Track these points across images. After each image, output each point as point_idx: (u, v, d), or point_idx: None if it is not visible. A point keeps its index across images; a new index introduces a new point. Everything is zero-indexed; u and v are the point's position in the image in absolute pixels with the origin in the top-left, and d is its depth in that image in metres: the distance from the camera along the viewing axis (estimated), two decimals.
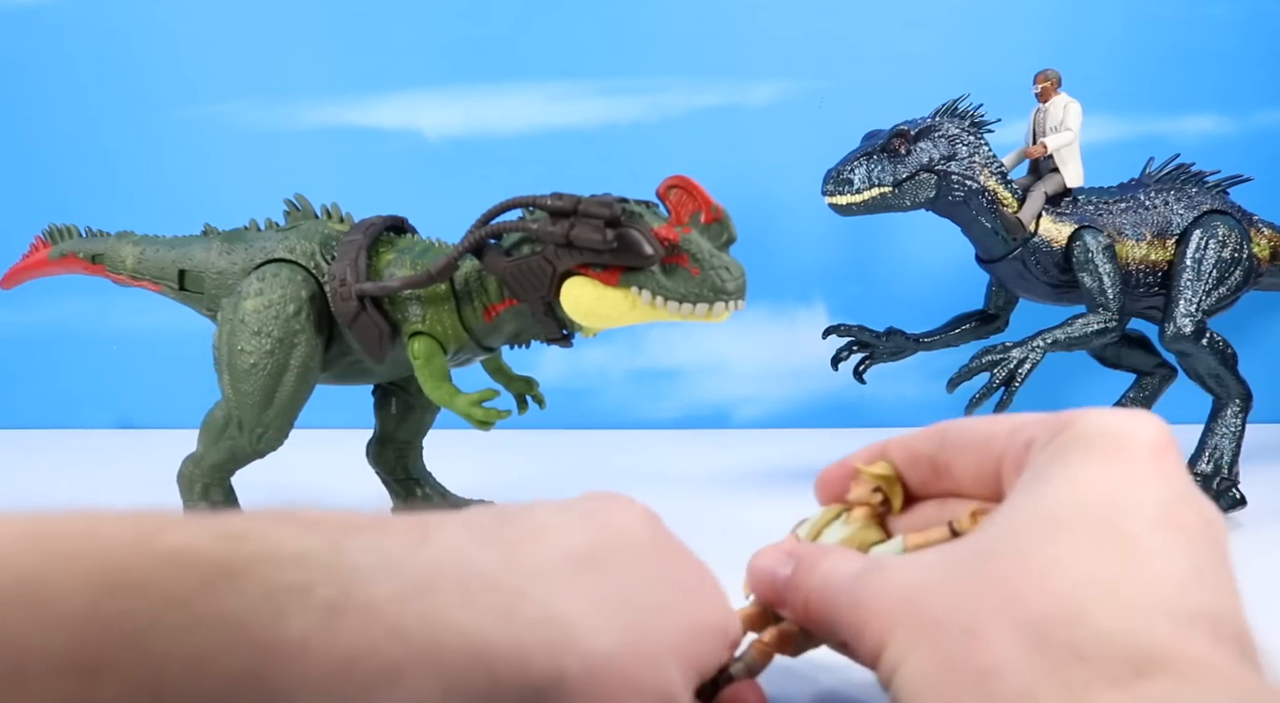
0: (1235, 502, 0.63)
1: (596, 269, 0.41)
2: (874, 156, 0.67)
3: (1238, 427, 0.66)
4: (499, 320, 0.47)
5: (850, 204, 0.67)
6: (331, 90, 0.91)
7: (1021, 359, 0.64)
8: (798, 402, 0.96)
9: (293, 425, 0.51)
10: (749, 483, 0.74)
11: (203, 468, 0.51)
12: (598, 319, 0.43)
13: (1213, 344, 0.67)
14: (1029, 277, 0.71)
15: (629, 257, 0.40)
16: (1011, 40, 0.91)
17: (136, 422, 0.95)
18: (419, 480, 0.59)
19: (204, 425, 0.51)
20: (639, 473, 0.77)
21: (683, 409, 0.97)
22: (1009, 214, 0.69)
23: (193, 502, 0.52)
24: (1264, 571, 0.55)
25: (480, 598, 0.25)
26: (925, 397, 0.95)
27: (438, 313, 0.47)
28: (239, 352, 0.49)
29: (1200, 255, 0.69)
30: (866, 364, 0.76)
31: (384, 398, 0.58)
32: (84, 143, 0.92)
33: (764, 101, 0.93)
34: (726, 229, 0.43)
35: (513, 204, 0.44)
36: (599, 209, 0.41)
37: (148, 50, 0.92)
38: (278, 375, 0.49)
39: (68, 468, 0.80)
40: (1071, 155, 0.71)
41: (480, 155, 0.92)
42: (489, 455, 0.76)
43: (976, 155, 0.69)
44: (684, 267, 0.41)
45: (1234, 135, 0.94)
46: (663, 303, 0.41)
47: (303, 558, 0.22)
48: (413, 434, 0.58)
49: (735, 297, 0.41)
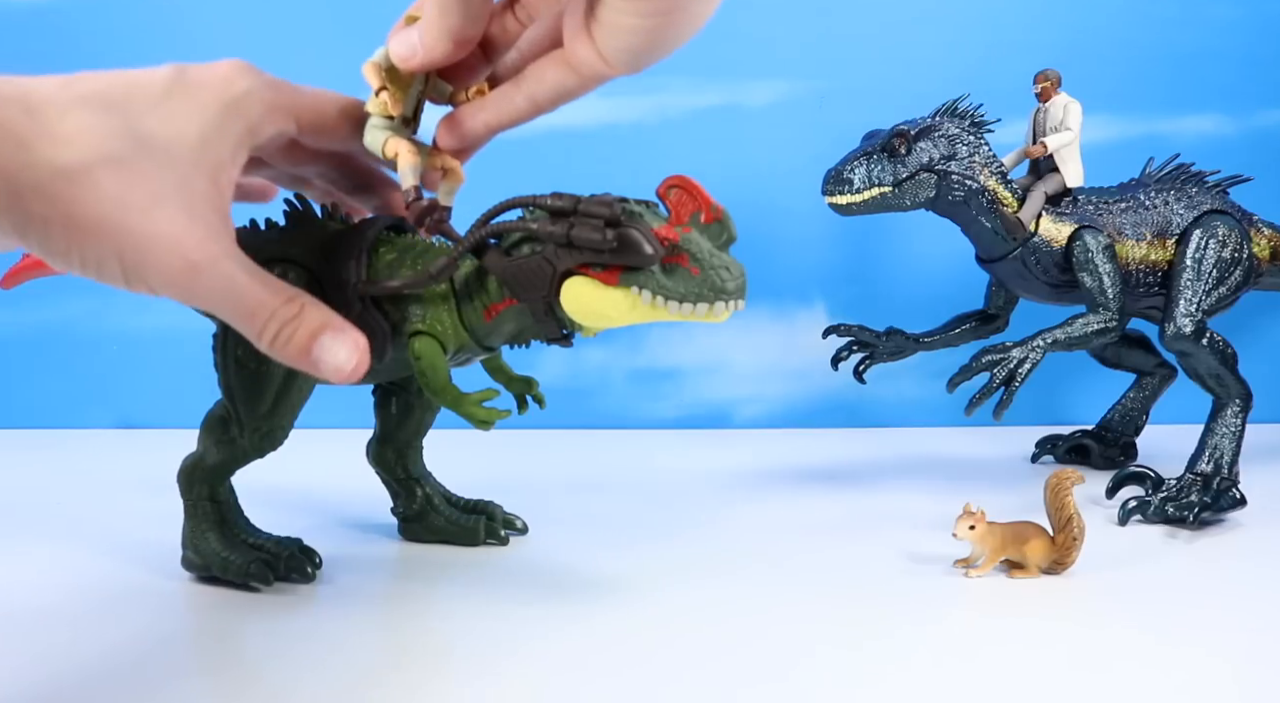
0: (1235, 502, 0.63)
1: (596, 269, 0.41)
2: (874, 156, 0.67)
3: (1238, 427, 0.66)
4: (499, 320, 0.47)
5: (850, 204, 0.67)
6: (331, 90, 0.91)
7: (1021, 359, 0.64)
8: (798, 402, 0.96)
9: (292, 426, 0.51)
10: (749, 483, 0.74)
11: (203, 468, 0.51)
12: (597, 319, 0.43)
13: (1213, 344, 0.67)
14: (1029, 277, 0.71)
15: (629, 256, 0.40)
16: (1011, 40, 0.91)
17: (136, 422, 0.96)
18: (419, 480, 0.59)
19: (204, 426, 0.51)
20: (639, 473, 0.77)
21: (683, 409, 0.97)
22: (1009, 214, 0.69)
23: (194, 501, 0.52)
24: (1264, 570, 0.55)
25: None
26: (925, 397, 0.95)
27: (438, 312, 0.47)
28: (239, 352, 0.49)
29: (1200, 255, 0.69)
30: (866, 364, 0.76)
31: (384, 398, 0.58)
32: None
33: (764, 101, 0.93)
34: (726, 229, 0.42)
35: (512, 204, 0.44)
36: (599, 209, 0.41)
37: (148, 50, 0.91)
38: (277, 376, 0.49)
39: (68, 468, 0.80)
40: (1071, 155, 0.71)
41: (480, 155, 0.92)
42: (489, 455, 0.76)
43: (976, 155, 0.69)
44: (684, 266, 0.41)
45: (1234, 135, 0.94)
46: (663, 303, 0.41)
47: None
48: (412, 434, 0.58)
49: (735, 296, 0.41)
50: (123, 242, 0.36)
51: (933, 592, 0.51)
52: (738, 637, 0.45)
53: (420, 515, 0.58)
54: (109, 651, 0.44)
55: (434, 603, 0.50)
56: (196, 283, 0.37)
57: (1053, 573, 0.53)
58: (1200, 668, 0.42)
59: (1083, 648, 0.44)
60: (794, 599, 0.50)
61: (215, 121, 0.39)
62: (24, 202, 0.35)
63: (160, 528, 0.55)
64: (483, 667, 0.42)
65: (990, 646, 0.45)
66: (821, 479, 0.75)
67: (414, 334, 0.47)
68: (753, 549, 0.58)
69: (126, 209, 0.36)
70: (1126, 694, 0.40)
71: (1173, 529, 0.62)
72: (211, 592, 0.51)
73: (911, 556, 0.56)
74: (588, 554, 0.57)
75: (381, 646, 0.45)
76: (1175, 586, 0.52)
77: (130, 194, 0.36)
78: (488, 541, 0.58)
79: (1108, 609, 0.49)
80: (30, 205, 0.35)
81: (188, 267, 0.37)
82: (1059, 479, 0.53)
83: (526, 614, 0.47)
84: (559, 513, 0.64)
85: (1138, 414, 0.81)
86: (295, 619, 0.47)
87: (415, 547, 0.58)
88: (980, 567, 0.53)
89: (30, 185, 0.34)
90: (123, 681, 0.41)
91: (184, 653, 0.44)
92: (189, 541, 0.52)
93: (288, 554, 0.52)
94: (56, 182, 0.35)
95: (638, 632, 0.46)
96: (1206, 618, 0.47)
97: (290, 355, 0.40)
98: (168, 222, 0.37)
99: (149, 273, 0.37)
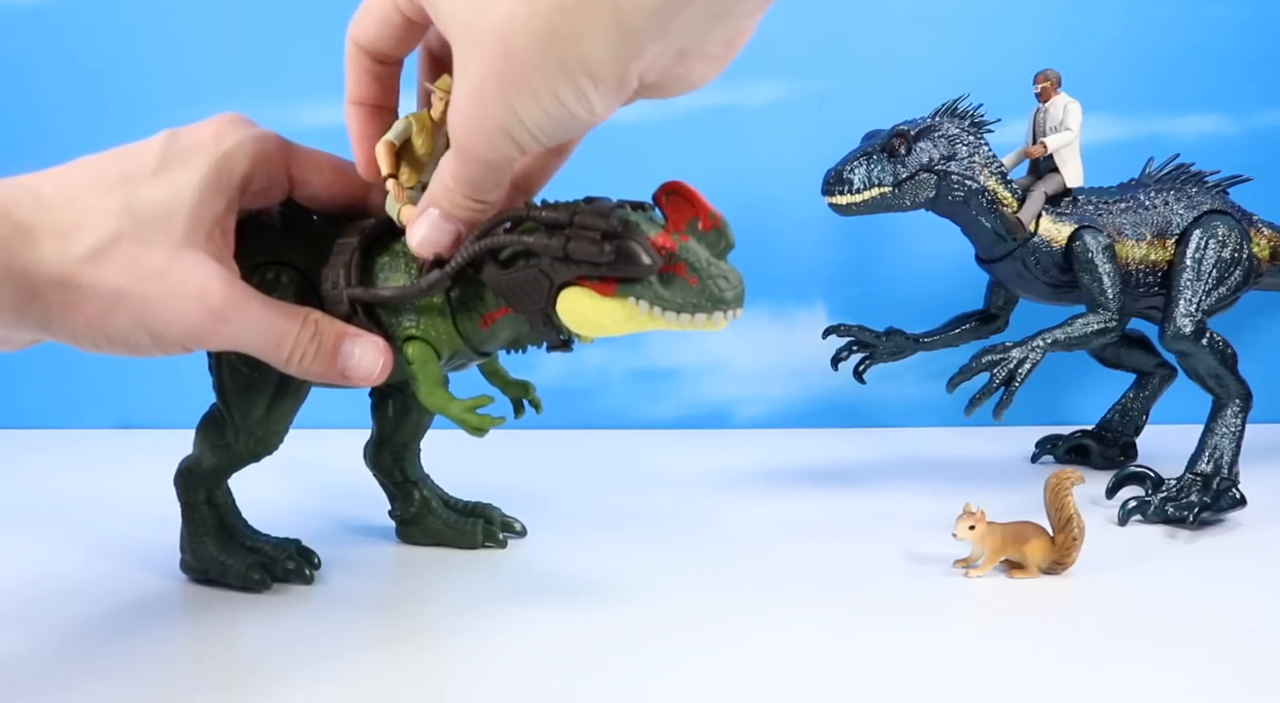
0: (1235, 502, 0.63)
1: (593, 280, 0.41)
2: (874, 156, 0.67)
3: (1238, 427, 0.66)
4: (495, 328, 0.46)
5: (850, 204, 0.67)
6: (331, 90, 0.90)
7: (1021, 359, 0.64)
8: (798, 402, 0.96)
9: (287, 430, 0.51)
10: (749, 483, 0.74)
11: (199, 472, 0.51)
12: (595, 330, 0.42)
13: (1213, 344, 0.67)
14: (1029, 277, 0.71)
15: (627, 268, 0.39)
16: (1011, 40, 0.91)
17: (136, 422, 0.95)
18: (416, 483, 0.58)
19: (199, 429, 0.51)
20: (639, 473, 0.77)
21: (683, 409, 0.97)
22: (1009, 214, 0.69)
23: (192, 505, 0.51)
24: (1264, 570, 0.55)
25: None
26: (925, 397, 0.95)
27: (432, 319, 0.46)
28: (232, 358, 0.48)
29: (1200, 255, 0.69)
30: (866, 364, 0.76)
31: (381, 401, 0.58)
32: (85, 143, 0.90)
33: (764, 101, 0.93)
34: (724, 237, 0.42)
35: (506, 217, 0.43)
36: (596, 221, 0.40)
37: (148, 50, 0.92)
38: (271, 382, 0.49)
39: (68, 468, 0.80)
40: (1071, 155, 0.71)
41: None
42: (489, 456, 0.76)
43: (976, 155, 0.69)
44: (681, 276, 0.40)
45: (1234, 135, 0.94)
46: (660, 313, 0.40)
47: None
48: (410, 437, 0.58)
49: (733, 306, 0.41)
50: (143, 308, 0.38)
51: (933, 592, 0.51)
52: (737, 636, 0.45)
53: (418, 518, 0.58)
54: (108, 651, 0.44)
55: (432, 605, 0.50)
56: (224, 327, 0.40)
57: (1053, 573, 0.53)
58: (1201, 668, 0.42)
59: (1083, 648, 0.44)
60: (794, 599, 0.50)
61: (209, 181, 0.42)
62: (43, 297, 0.37)
63: (159, 528, 0.55)
64: (481, 669, 0.42)
65: (990, 646, 0.44)
66: (821, 479, 0.75)
67: (407, 340, 0.46)
68: (752, 549, 0.58)
69: (140, 278, 0.38)
70: (1127, 695, 0.40)
71: (1173, 529, 0.62)
72: (210, 593, 0.51)
73: (911, 556, 0.56)
74: (587, 554, 0.56)
75: (379, 648, 0.45)
76: (1175, 586, 0.52)
77: (141, 264, 0.38)
78: (486, 544, 0.58)
79: (1108, 609, 0.49)
80: (50, 298, 0.37)
81: (211, 315, 0.40)
82: (1059, 479, 0.53)
83: (525, 615, 0.47)
84: (558, 513, 0.64)
85: (1138, 414, 0.81)
86: (293, 621, 0.47)
87: (413, 549, 0.58)
88: (980, 567, 0.53)
89: (46, 280, 0.37)
90: (122, 681, 0.40)
91: (182, 654, 0.44)
92: (186, 544, 0.52)
93: (285, 557, 0.52)
94: (70, 269, 0.37)
95: (637, 632, 0.46)
96: (1206, 618, 0.47)
97: (317, 372, 0.43)
98: (181, 280, 0.39)
99: (174, 329, 0.39)
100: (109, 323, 0.38)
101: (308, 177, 0.46)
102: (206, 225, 0.41)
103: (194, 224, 0.40)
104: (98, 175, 0.40)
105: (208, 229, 0.41)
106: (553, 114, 0.36)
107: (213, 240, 0.41)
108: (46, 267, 0.37)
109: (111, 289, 0.38)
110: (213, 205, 0.41)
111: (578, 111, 0.36)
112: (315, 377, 0.44)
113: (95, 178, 0.40)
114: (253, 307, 0.41)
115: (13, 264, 0.36)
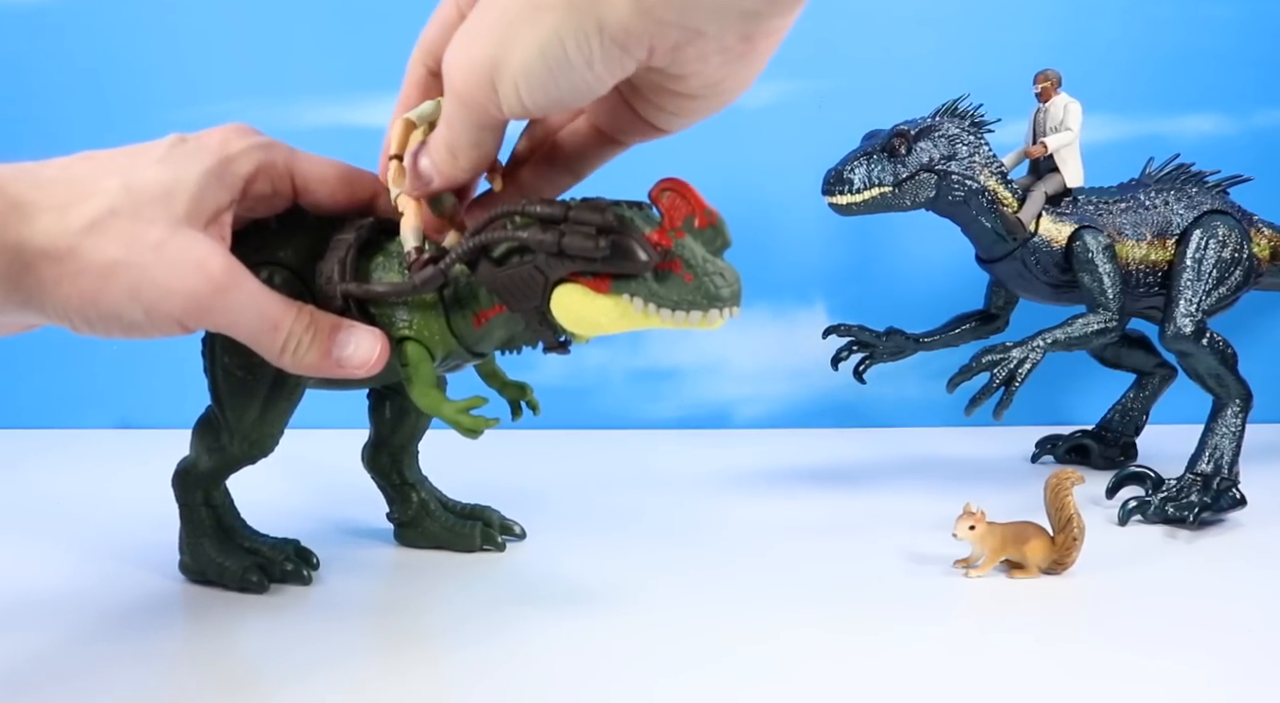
0: (1235, 502, 0.63)
1: (587, 277, 0.41)
2: (874, 156, 0.67)
3: (1238, 427, 0.66)
4: (489, 327, 0.46)
5: (850, 204, 0.67)
6: (331, 90, 0.91)
7: (1021, 359, 0.64)
8: (798, 402, 0.96)
9: (283, 432, 0.51)
10: (749, 483, 0.74)
11: (196, 473, 0.51)
12: (589, 327, 0.42)
13: (1213, 344, 0.66)
14: (1029, 277, 0.71)
15: (622, 264, 0.39)
16: (1011, 40, 0.91)
17: (136, 422, 0.95)
18: (414, 485, 0.58)
19: (195, 431, 0.51)
20: (639, 473, 0.77)
21: (683, 409, 0.97)
22: (1009, 214, 0.69)
23: (190, 506, 0.51)
24: (1264, 570, 0.55)
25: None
26: (925, 397, 0.95)
27: (426, 319, 0.46)
28: (226, 360, 0.48)
29: (1200, 255, 0.69)
30: (866, 364, 0.75)
31: (378, 402, 0.57)
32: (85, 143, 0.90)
33: (764, 102, 0.93)
34: (721, 234, 0.41)
35: (501, 215, 0.43)
36: (591, 215, 0.39)
37: (148, 50, 0.92)
38: (265, 384, 0.48)
39: (68, 468, 0.80)
40: (1071, 155, 0.71)
41: None
42: (488, 456, 0.76)
43: (976, 155, 0.69)
44: (677, 273, 0.40)
45: (1234, 135, 0.93)
46: (655, 310, 0.40)
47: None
48: (407, 439, 0.58)
49: (730, 303, 0.40)
50: (140, 277, 0.37)
51: (933, 592, 0.51)
52: (737, 637, 0.45)
53: (415, 521, 0.58)
54: (107, 651, 0.44)
55: (430, 608, 0.50)
56: (221, 300, 0.39)
57: (1053, 573, 0.53)
58: (1201, 668, 0.42)
59: (1083, 648, 0.44)
60: (794, 599, 0.50)
61: (213, 171, 0.41)
62: (35, 269, 0.36)
63: (159, 528, 0.55)
64: (480, 671, 0.42)
65: (990, 646, 0.44)
66: (821, 479, 0.75)
67: (401, 340, 0.46)
68: (752, 549, 0.58)
69: (138, 248, 0.38)
70: (1127, 694, 0.40)
71: (1173, 529, 0.62)
72: (209, 593, 0.51)
73: (911, 556, 0.56)
74: (586, 554, 0.56)
75: (376, 650, 0.45)
76: (1175, 586, 0.52)
77: (140, 236, 0.38)
78: (484, 546, 0.58)
79: (1108, 610, 0.49)
80: (42, 271, 0.36)
81: (210, 283, 0.39)
82: (1059, 479, 0.53)
83: (524, 617, 0.47)
84: (557, 513, 0.64)
85: (1138, 414, 0.81)
86: (291, 622, 0.47)
87: (411, 552, 0.58)
88: (980, 567, 0.53)
89: (40, 252, 0.36)
90: (120, 681, 0.40)
91: (181, 654, 0.44)
92: (185, 546, 0.52)
93: (284, 559, 0.51)
94: (66, 240, 0.36)
95: (636, 632, 0.46)
96: (1207, 618, 0.47)
97: (312, 362, 0.42)
98: (181, 249, 0.38)
99: (171, 299, 0.38)
100: (102, 297, 0.37)
101: (312, 186, 0.46)
102: (207, 212, 0.41)
103: (195, 206, 0.40)
104: (100, 163, 0.40)
105: (208, 215, 0.41)
106: (548, 55, 0.34)
107: (216, 226, 0.41)
108: (41, 238, 0.36)
109: (108, 260, 0.37)
110: (215, 194, 0.41)
111: (575, 59, 0.34)
112: (310, 369, 0.43)
113: (96, 164, 0.40)
114: (251, 285, 0.40)
115: (5, 236, 0.36)
